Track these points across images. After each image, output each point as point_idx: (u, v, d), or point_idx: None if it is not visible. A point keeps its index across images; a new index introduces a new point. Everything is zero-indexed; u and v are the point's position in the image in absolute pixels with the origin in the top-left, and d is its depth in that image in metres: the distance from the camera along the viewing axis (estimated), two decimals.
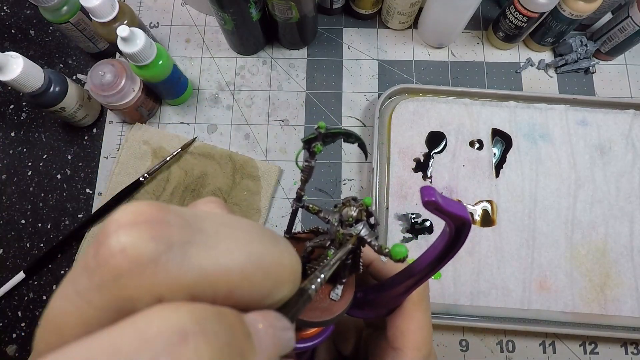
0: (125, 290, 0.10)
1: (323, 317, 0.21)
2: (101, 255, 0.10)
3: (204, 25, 0.57)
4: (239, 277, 0.11)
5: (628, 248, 0.46)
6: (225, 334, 0.10)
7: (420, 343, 0.24)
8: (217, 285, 0.10)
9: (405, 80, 0.54)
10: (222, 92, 0.54)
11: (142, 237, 0.10)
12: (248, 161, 0.50)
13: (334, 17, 0.57)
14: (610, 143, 0.49)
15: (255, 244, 0.12)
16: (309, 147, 0.19)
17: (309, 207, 0.21)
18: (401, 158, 0.49)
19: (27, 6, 0.58)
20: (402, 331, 0.24)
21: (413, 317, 0.24)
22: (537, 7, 0.46)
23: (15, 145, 0.53)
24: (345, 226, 0.20)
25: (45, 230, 0.50)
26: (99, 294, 0.10)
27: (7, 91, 0.55)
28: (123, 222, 0.10)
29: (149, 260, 0.10)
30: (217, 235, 0.11)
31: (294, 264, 0.13)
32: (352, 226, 0.19)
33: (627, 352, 0.46)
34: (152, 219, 0.10)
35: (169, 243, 0.10)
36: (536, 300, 0.45)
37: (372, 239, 0.19)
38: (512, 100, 0.51)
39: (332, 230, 0.20)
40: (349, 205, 0.20)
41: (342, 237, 0.19)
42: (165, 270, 0.10)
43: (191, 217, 0.11)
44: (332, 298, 0.22)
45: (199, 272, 0.10)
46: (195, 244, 0.10)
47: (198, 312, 0.09)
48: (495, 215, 0.47)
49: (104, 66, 0.45)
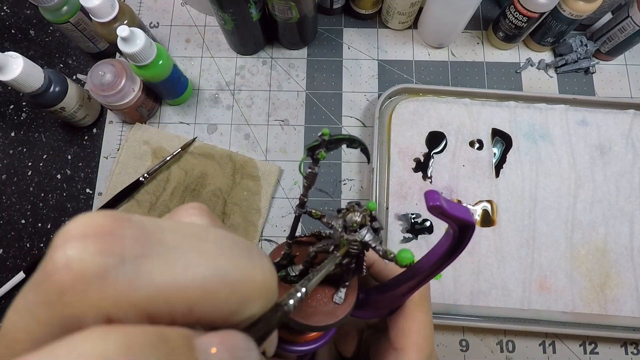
0: (69, 307, 0.09)
1: (326, 321, 0.21)
2: (47, 270, 0.09)
3: (204, 25, 0.57)
4: (200, 293, 0.10)
5: (628, 248, 0.46)
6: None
7: (422, 343, 0.24)
8: (173, 302, 0.10)
9: (405, 80, 0.54)
10: (222, 92, 0.54)
11: (88, 251, 0.09)
12: (248, 161, 0.50)
13: (334, 17, 0.57)
14: (610, 143, 0.49)
15: (222, 257, 0.11)
16: (313, 154, 0.19)
17: (312, 213, 0.21)
18: (401, 158, 0.49)
19: (27, 6, 0.58)
20: (404, 331, 0.24)
21: (414, 317, 0.24)
22: (537, 7, 0.46)
23: (15, 145, 0.53)
24: (349, 232, 0.20)
25: (45, 230, 0.50)
26: (44, 309, 0.09)
27: (7, 91, 0.55)
28: (72, 235, 0.09)
29: (95, 275, 0.09)
30: (178, 248, 0.10)
31: (268, 279, 0.12)
32: (356, 231, 0.19)
33: (627, 352, 0.46)
34: (104, 231, 0.10)
35: (119, 257, 0.09)
36: (536, 300, 0.45)
37: (377, 244, 0.19)
38: (512, 100, 0.51)
39: (336, 236, 0.20)
40: (352, 210, 0.20)
41: (347, 243, 0.19)
42: (114, 287, 0.09)
43: (153, 228, 0.10)
44: (335, 301, 0.22)
45: (152, 289, 0.09)
46: (150, 258, 0.10)
47: (130, 339, 0.08)
48: (495, 215, 0.47)
49: (104, 66, 0.45)
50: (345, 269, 0.21)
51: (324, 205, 0.50)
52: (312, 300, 0.22)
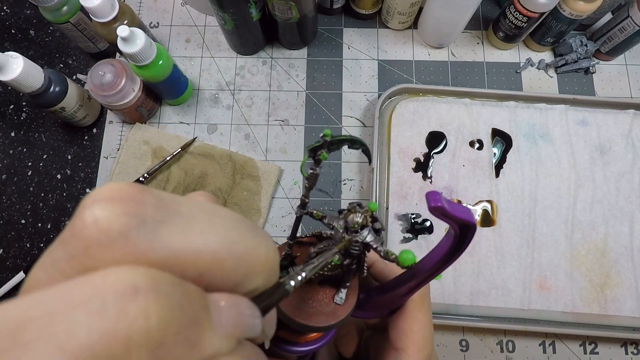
0: (93, 260, 0.10)
1: (328, 322, 0.21)
2: (75, 227, 0.10)
3: (204, 25, 0.57)
4: (210, 260, 0.11)
5: (628, 248, 0.46)
6: (180, 298, 0.10)
7: (422, 343, 0.24)
8: (185, 265, 0.11)
9: (405, 80, 0.54)
10: (222, 92, 0.54)
11: (114, 212, 0.10)
12: (248, 161, 0.50)
13: (334, 17, 0.57)
14: (610, 143, 0.49)
15: (231, 231, 0.12)
16: (315, 155, 0.19)
17: (313, 214, 0.21)
18: (401, 158, 0.49)
19: (27, 6, 0.58)
20: (405, 332, 0.24)
21: (415, 317, 0.24)
22: (537, 7, 0.46)
23: (15, 145, 0.53)
24: (350, 232, 0.20)
25: (45, 230, 0.50)
26: (70, 263, 0.10)
27: (7, 91, 0.55)
28: (100, 197, 0.10)
29: (119, 233, 0.10)
30: (192, 218, 0.11)
31: (271, 257, 0.13)
32: (358, 232, 0.19)
33: (627, 352, 0.46)
34: (129, 197, 0.11)
35: (141, 220, 0.10)
36: (536, 300, 0.45)
37: (378, 245, 0.19)
38: (512, 100, 0.51)
39: (338, 237, 0.20)
40: (354, 211, 0.20)
41: (348, 244, 0.19)
42: (134, 245, 0.10)
43: (170, 199, 0.11)
44: (336, 302, 0.22)
45: (168, 251, 0.10)
46: (168, 224, 0.11)
47: (155, 275, 0.10)
48: (495, 215, 0.47)
49: (104, 66, 0.45)
50: (346, 270, 0.21)
51: (324, 205, 0.50)
52: (313, 301, 0.22)
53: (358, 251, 0.20)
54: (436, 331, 0.46)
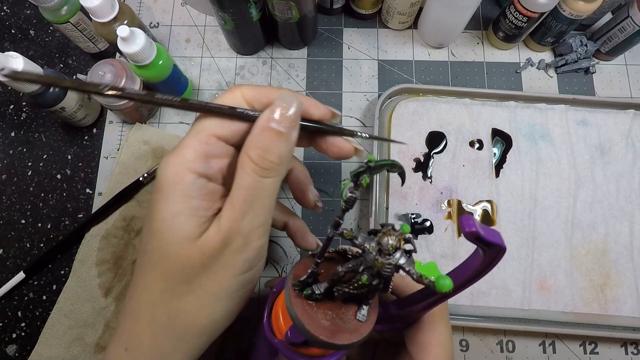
0: None
1: (352, 339, 0.21)
2: None
3: (204, 25, 0.57)
4: None
5: (628, 248, 0.46)
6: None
7: (443, 356, 0.24)
8: None
9: (405, 80, 0.54)
10: (222, 92, 0.54)
11: None
12: None
13: (334, 17, 0.57)
14: (610, 143, 0.49)
15: None
16: (357, 180, 0.19)
17: (343, 233, 0.21)
18: (401, 158, 0.49)
19: (27, 6, 0.58)
20: (425, 346, 0.24)
21: (435, 331, 0.24)
22: (537, 7, 0.46)
23: (15, 145, 0.53)
24: (383, 255, 0.19)
25: (45, 230, 0.50)
26: None
27: (7, 91, 0.55)
28: None
29: None
30: None
31: None
32: (391, 255, 0.19)
33: (627, 352, 0.46)
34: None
35: None
36: (536, 300, 0.45)
37: (411, 268, 0.19)
38: (512, 100, 0.51)
39: (370, 258, 0.20)
40: (388, 234, 0.19)
41: (381, 266, 0.19)
42: None
43: None
44: (359, 319, 0.22)
45: None
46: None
47: None
48: (495, 215, 0.47)
49: (104, 66, 0.45)
50: (372, 289, 0.21)
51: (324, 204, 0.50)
52: (336, 317, 0.22)
53: (389, 273, 0.20)
54: None
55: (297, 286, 0.22)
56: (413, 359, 0.24)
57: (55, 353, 0.45)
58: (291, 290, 0.22)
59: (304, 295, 0.22)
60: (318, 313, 0.22)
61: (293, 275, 0.23)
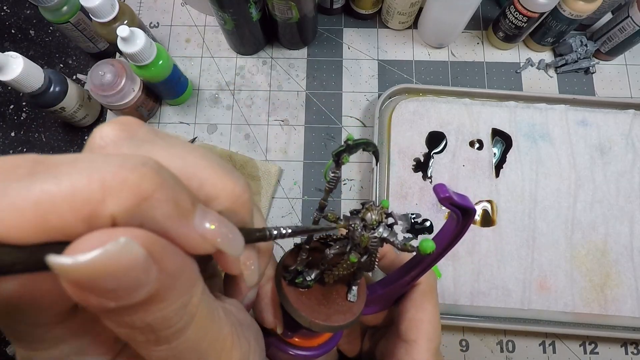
0: None
1: (347, 319, 0.22)
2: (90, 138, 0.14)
3: (204, 25, 0.57)
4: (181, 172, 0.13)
5: (628, 248, 0.46)
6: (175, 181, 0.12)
7: (432, 334, 0.25)
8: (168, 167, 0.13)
9: (405, 80, 0.54)
10: (222, 92, 0.54)
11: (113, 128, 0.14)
12: (248, 161, 0.50)
13: (334, 17, 0.57)
14: (610, 143, 0.49)
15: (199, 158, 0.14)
16: (338, 158, 0.20)
17: (327, 216, 0.22)
18: (401, 158, 0.49)
19: (27, 6, 0.58)
20: (414, 323, 0.25)
21: (424, 308, 0.25)
22: (537, 7, 0.46)
23: (15, 145, 0.53)
24: (368, 230, 0.20)
25: None
26: None
27: (7, 91, 0.55)
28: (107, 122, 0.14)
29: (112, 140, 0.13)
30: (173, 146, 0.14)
31: (237, 190, 0.15)
32: (374, 229, 0.20)
33: (627, 352, 0.46)
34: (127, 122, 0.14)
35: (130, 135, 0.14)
36: (536, 300, 0.45)
37: (394, 238, 0.20)
38: (512, 100, 0.51)
39: (356, 235, 0.20)
40: (371, 209, 0.20)
41: (367, 241, 0.20)
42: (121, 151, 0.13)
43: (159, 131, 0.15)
44: (349, 300, 0.23)
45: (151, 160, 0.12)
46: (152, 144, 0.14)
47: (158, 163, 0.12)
48: (495, 215, 0.47)
49: (104, 66, 0.45)
50: (357, 268, 0.22)
51: None
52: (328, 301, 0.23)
53: (375, 246, 0.21)
54: None
55: (288, 276, 0.23)
56: (402, 336, 0.25)
57: None
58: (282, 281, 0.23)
59: (296, 284, 0.23)
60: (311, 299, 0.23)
61: (282, 266, 0.23)
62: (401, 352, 0.24)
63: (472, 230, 0.47)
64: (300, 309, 0.22)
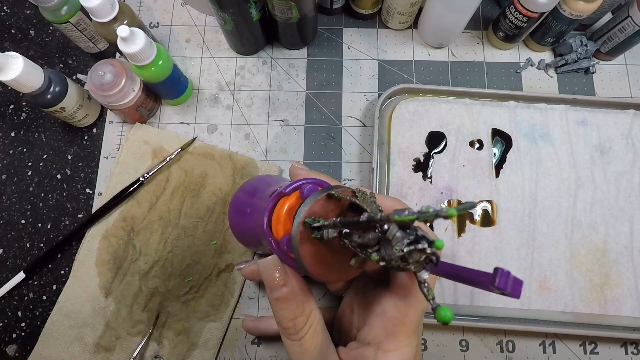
0: None
1: (339, 279, 0.27)
2: None
3: (204, 25, 0.57)
4: None
5: (628, 248, 0.46)
6: None
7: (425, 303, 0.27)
8: None
9: (405, 80, 0.54)
10: (222, 92, 0.54)
11: None
12: (248, 161, 0.50)
13: (334, 17, 0.57)
14: (610, 143, 0.49)
15: None
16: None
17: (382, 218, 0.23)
18: (401, 158, 0.49)
19: (27, 6, 0.58)
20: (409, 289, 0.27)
21: None
22: (537, 7, 0.46)
23: (15, 145, 0.53)
24: (405, 261, 0.21)
25: (45, 230, 0.50)
26: None
27: (7, 91, 0.55)
28: None
29: None
30: None
31: None
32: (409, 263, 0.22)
33: (627, 352, 0.46)
34: None
35: None
36: (536, 300, 0.45)
37: (424, 278, 0.22)
38: (512, 100, 0.51)
39: (393, 255, 0.21)
40: (422, 252, 0.21)
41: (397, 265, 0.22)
42: None
43: None
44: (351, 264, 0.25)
45: None
46: None
47: None
48: (495, 215, 0.47)
49: (104, 66, 0.45)
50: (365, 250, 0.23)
51: None
52: (332, 257, 0.25)
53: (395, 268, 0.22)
54: (436, 331, 0.46)
55: (309, 224, 0.24)
56: (395, 296, 0.27)
57: (55, 353, 0.45)
58: (301, 226, 0.24)
59: (312, 235, 0.24)
60: (318, 250, 0.24)
61: (308, 212, 0.24)
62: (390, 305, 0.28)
63: (472, 230, 0.47)
64: (304, 258, 0.24)
